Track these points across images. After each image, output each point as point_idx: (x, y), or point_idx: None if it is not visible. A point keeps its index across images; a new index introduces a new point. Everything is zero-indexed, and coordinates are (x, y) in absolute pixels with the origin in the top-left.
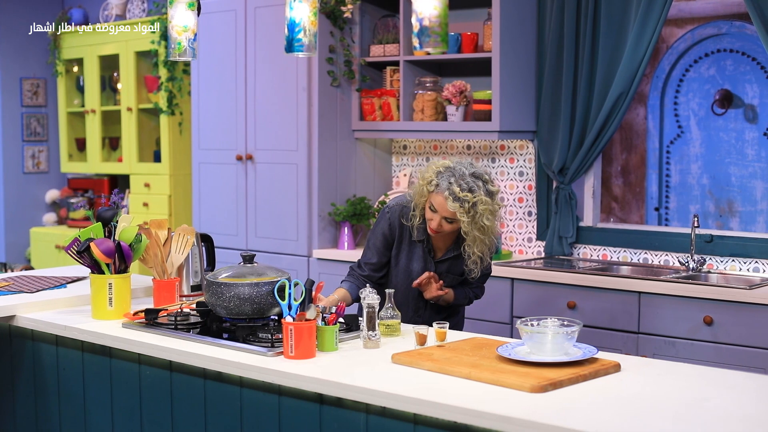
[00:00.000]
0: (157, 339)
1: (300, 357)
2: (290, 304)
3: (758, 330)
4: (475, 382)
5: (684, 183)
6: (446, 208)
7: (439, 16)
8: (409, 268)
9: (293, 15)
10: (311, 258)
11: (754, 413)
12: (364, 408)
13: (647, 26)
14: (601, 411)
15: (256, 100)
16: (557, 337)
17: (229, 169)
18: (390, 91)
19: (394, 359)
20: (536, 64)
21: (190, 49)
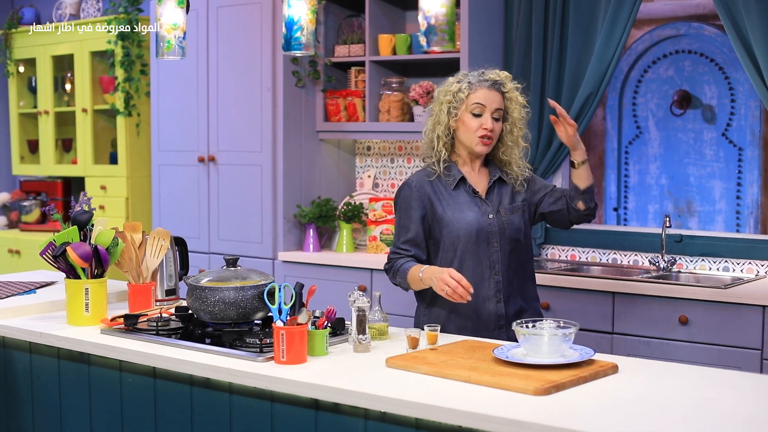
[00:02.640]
0: (139, 345)
1: (291, 362)
2: (280, 308)
3: (734, 329)
4: (476, 386)
5: (642, 183)
6: (493, 98)
7: (446, 14)
8: (464, 219)
9: (291, 13)
10: (276, 260)
11: (760, 413)
12: (362, 413)
13: (616, 27)
14: (610, 412)
15: (219, 100)
16: (554, 339)
17: (190, 171)
18: (355, 92)
19: (388, 363)
20: (503, 65)
21: (179, 48)
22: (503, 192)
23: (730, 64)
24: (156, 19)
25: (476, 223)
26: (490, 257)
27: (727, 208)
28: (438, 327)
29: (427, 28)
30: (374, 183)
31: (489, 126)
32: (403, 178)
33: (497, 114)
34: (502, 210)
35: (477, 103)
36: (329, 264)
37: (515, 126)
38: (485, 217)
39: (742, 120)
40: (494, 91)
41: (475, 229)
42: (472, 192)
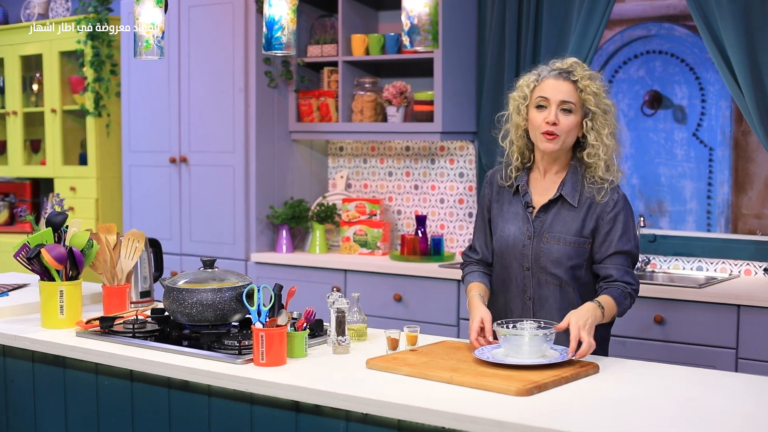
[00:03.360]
0: (116, 348)
1: (271, 364)
2: (259, 309)
3: (709, 328)
4: (458, 387)
5: None
6: (561, 88)
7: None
8: (503, 232)
9: (272, 13)
10: (249, 262)
11: (744, 412)
12: (344, 415)
13: (590, 27)
14: (594, 413)
15: (191, 101)
16: (535, 340)
17: (161, 172)
18: (328, 92)
19: (369, 364)
20: (477, 65)
21: (158, 48)
22: (563, 214)
23: (700, 64)
24: (134, 18)
25: (512, 239)
26: (523, 280)
27: (698, 208)
28: (418, 328)
29: (410, 27)
30: (347, 184)
31: (552, 119)
32: (376, 178)
33: (567, 106)
34: (547, 235)
35: (540, 96)
36: (302, 265)
37: (597, 120)
38: (523, 236)
39: (713, 120)
40: (562, 80)
41: (510, 246)
42: (525, 204)
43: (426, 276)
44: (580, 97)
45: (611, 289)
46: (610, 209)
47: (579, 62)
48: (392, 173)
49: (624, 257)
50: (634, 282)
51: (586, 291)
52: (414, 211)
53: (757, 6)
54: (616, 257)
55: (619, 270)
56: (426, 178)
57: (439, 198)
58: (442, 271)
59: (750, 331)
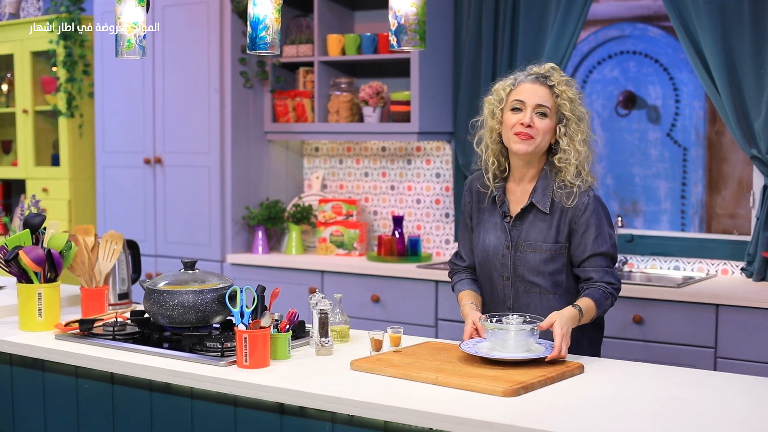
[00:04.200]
0: (96, 350)
1: (254, 366)
2: (242, 311)
3: (687, 328)
4: (444, 388)
5: None
6: (535, 92)
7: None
8: (484, 243)
9: (256, 12)
10: (225, 263)
11: (730, 412)
12: (329, 417)
13: (567, 27)
14: (582, 413)
15: (165, 101)
16: (520, 334)
17: (136, 173)
18: (304, 92)
19: (353, 366)
20: (453, 65)
21: (140, 47)
22: (537, 222)
23: (674, 65)
24: (116, 17)
25: (492, 249)
26: (503, 290)
27: (672, 208)
28: (401, 329)
29: (398, 27)
30: (323, 184)
31: (527, 120)
32: (352, 179)
33: (542, 110)
34: (523, 244)
35: (516, 99)
36: (279, 266)
37: (570, 126)
38: (502, 246)
39: (687, 120)
40: (539, 84)
41: (490, 256)
42: (502, 214)
43: (404, 277)
44: (555, 102)
45: (592, 290)
46: (581, 213)
47: (556, 68)
48: (368, 174)
49: (602, 258)
50: (615, 281)
51: (568, 295)
52: (390, 212)
53: (733, 6)
54: (593, 259)
55: (598, 272)
56: (402, 179)
57: (415, 198)
58: (419, 272)
59: (729, 331)
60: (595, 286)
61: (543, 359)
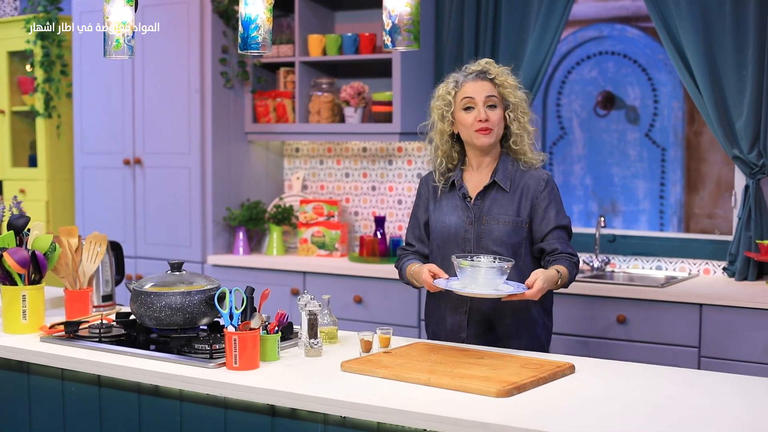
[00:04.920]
0: (83, 353)
1: (244, 368)
2: (231, 313)
3: (671, 327)
4: (436, 389)
5: (567, 183)
6: (481, 88)
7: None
8: (443, 223)
9: (248, 12)
10: (206, 264)
11: (723, 411)
12: (321, 419)
13: (549, 27)
14: (576, 413)
15: (145, 102)
16: (490, 272)
17: (115, 174)
18: (285, 93)
19: (343, 367)
20: (434, 65)
21: (128, 47)
22: (499, 198)
23: (653, 65)
24: (104, 17)
25: (454, 228)
26: None
27: (650, 208)
28: (391, 330)
29: (392, 27)
30: (303, 185)
31: (483, 116)
32: (333, 180)
33: (491, 101)
34: (486, 217)
35: (465, 97)
36: (261, 267)
37: (517, 111)
38: (464, 222)
39: (665, 121)
40: (480, 80)
41: (452, 234)
42: (462, 196)
43: (386, 277)
44: (500, 92)
45: (562, 261)
46: (542, 189)
47: (491, 61)
48: (349, 174)
49: (563, 231)
50: (575, 254)
51: (525, 269)
52: (371, 213)
53: (714, 7)
54: (556, 231)
55: (561, 243)
56: (383, 179)
57: (396, 199)
58: None
59: (712, 330)
60: (562, 257)
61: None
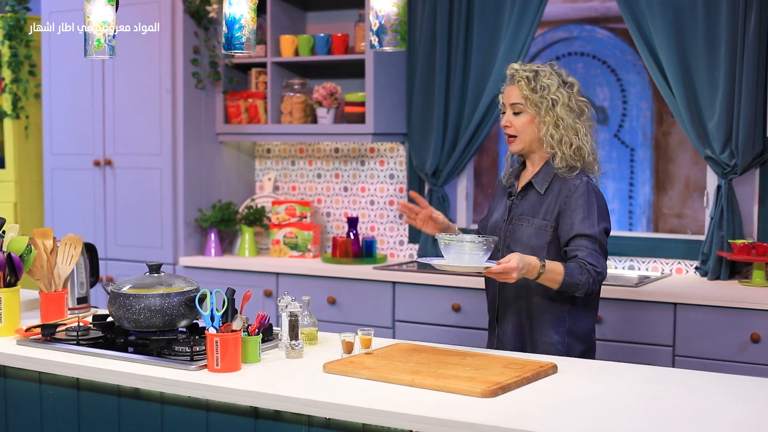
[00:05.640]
0: (61, 356)
1: (226, 370)
2: (212, 315)
3: (645, 326)
4: (420, 389)
5: None
6: (511, 93)
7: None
8: (490, 219)
9: (232, 11)
10: (177, 266)
11: (709, 409)
12: (305, 420)
13: (522, 28)
14: (563, 412)
15: (115, 102)
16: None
17: (85, 175)
18: (257, 93)
19: (326, 368)
20: (407, 66)
21: (109, 47)
22: (533, 201)
23: (622, 66)
24: (84, 16)
25: (494, 224)
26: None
27: (620, 208)
28: (371, 331)
29: (379, 27)
30: (275, 186)
31: (503, 122)
32: (305, 181)
33: (516, 108)
34: (516, 218)
35: (501, 103)
36: (233, 269)
37: (542, 114)
38: (500, 220)
39: (634, 121)
40: (511, 85)
41: (493, 231)
42: (508, 194)
43: (360, 278)
44: (525, 97)
45: (569, 262)
46: (571, 193)
47: (522, 64)
48: (321, 175)
49: (588, 240)
50: (597, 264)
51: None
52: (344, 213)
53: (686, 8)
54: (579, 239)
55: (583, 251)
56: (356, 180)
57: (369, 200)
58: (376, 273)
59: (686, 329)
60: (575, 261)
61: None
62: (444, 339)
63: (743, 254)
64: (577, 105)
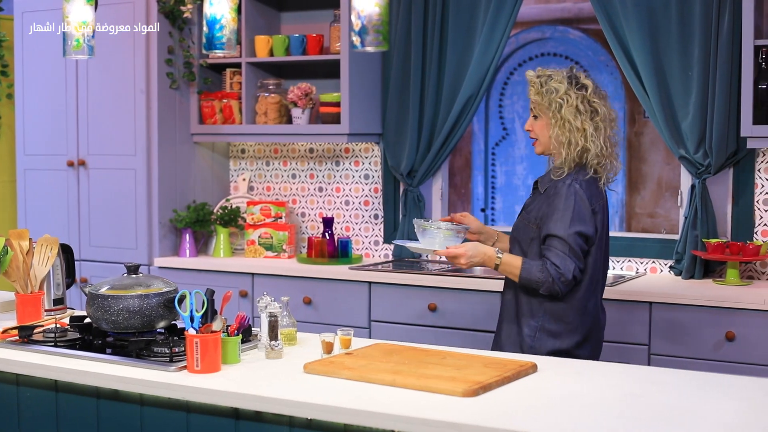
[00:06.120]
0: (38, 358)
1: (206, 371)
2: (192, 315)
3: (621, 325)
4: (402, 389)
5: (509, 184)
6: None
7: (381, 14)
8: None
9: (213, 11)
10: (152, 267)
11: (689, 408)
12: (287, 421)
13: (497, 28)
14: (545, 411)
15: (89, 103)
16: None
17: (59, 176)
18: (231, 94)
19: (306, 369)
20: (382, 68)
21: (88, 47)
22: (536, 198)
23: (594, 66)
24: (63, 16)
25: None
26: None
27: None
28: (351, 331)
29: (361, 27)
30: (249, 186)
31: (525, 126)
32: (279, 181)
33: (534, 112)
34: (522, 213)
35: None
36: (208, 269)
37: (547, 117)
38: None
39: None
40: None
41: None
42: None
43: (336, 278)
44: (534, 101)
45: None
46: (555, 195)
47: (541, 69)
48: (296, 175)
49: (558, 241)
50: (561, 266)
51: None
52: (319, 214)
53: (660, 9)
54: (550, 240)
55: (551, 251)
56: (331, 180)
57: (344, 200)
58: (352, 273)
59: (661, 328)
60: (541, 260)
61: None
62: (420, 339)
63: (717, 253)
64: (591, 106)
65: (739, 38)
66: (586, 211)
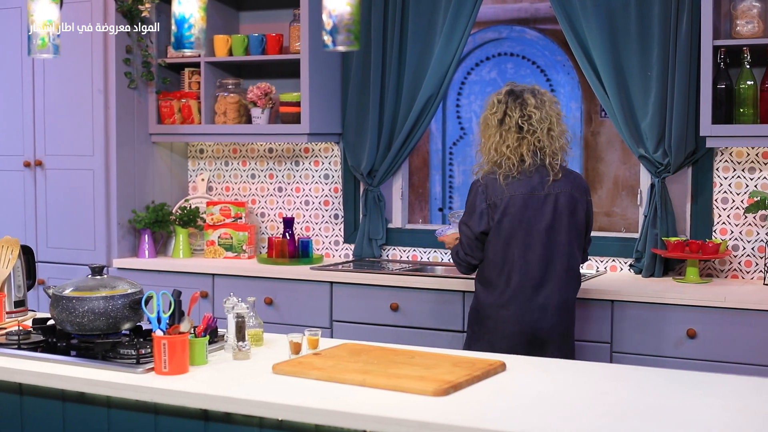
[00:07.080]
0: (2, 361)
1: (174, 372)
2: (159, 317)
3: (583, 323)
4: (372, 389)
5: (467, 183)
6: None
7: (352, 13)
8: None
9: (182, 10)
10: (111, 268)
11: (655, 404)
12: (257, 422)
13: (457, 28)
14: (516, 409)
15: (46, 102)
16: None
17: (15, 177)
18: (190, 93)
19: (275, 370)
20: (342, 67)
21: (53, 46)
22: None
23: (551, 66)
24: (28, 15)
25: None
26: None
27: None
28: (319, 331)
29: (332, 27)
30: (208, 186)
31: None
32: (238, 181)
33: None
34: None
35: None
36: (168, 270)
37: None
38: None
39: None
40: None
41: None
42: None
43: (297, 278)
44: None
45: None
46: None
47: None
48: (255, 175)
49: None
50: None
51: None
52: (279, 214)
53: (619, 9)
54: None
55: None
56: (290, 180)
57: (303, 200)
58: (313, 274)
59: (623, 326)
60: None
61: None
62: (383, 338)
63: (677, 251)
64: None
65: (698, 39)
66: (473, 206)
